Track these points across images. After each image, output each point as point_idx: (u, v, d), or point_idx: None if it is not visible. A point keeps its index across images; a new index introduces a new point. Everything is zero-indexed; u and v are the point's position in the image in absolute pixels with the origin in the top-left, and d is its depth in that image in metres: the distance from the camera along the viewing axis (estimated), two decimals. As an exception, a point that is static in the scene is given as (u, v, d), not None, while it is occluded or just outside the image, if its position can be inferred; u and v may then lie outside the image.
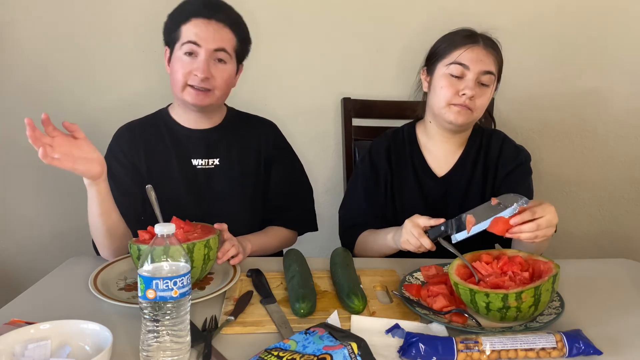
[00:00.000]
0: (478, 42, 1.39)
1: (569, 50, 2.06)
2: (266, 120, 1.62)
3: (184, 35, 1.37)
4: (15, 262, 2.13)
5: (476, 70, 1.37)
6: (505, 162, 1.49)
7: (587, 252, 2.21)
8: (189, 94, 1.39)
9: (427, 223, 1.24)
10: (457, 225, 1.21)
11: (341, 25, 2.01)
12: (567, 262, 1.33)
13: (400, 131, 1.56)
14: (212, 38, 1.36)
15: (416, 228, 1.24)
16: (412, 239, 1.25)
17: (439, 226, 1.24)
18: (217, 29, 1.37)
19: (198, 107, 1.43)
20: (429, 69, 1.47)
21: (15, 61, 1.99)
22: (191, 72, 1.36)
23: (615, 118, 2.13)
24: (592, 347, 0.92)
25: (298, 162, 1.64)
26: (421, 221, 1.25)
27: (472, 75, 1.37)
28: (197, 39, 1.35)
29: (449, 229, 1.22)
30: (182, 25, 1.38)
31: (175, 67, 1.39)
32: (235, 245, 1.28)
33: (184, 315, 0.89)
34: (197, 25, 1.36)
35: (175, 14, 1.41)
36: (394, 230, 1.35)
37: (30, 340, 0.89)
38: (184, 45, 1.37)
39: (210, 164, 1.49)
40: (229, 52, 1.40)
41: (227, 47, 1.39)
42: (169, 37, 1.42)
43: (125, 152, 1.46)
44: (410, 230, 1.25)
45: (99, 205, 1.23)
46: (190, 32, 1.36)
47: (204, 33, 1.36)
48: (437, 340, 0.92)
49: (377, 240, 1.42)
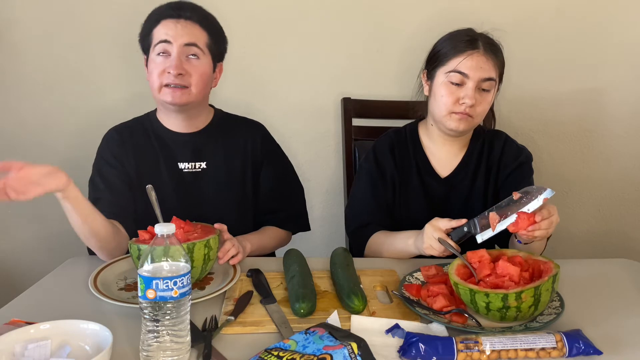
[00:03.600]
0: (478, 48, 1.37)
1: (569, 50, 2.06)
2: (254, 122, 1.61)
3: (156, 37, 1.39)
4: (15, 262, 2.13)
5: (476, 78, 1.36)
6: (506, 163, 1.49)
7: (587, 252, 2.21)
8: (165, 93, 1.39)
9: (449, 225, 1.22)
10: (481, 224, 1.19)
11: (341, 25, 2.01)
12: (567, 262, 1.33)
13: (402, 131, 1.56)
14: (182, 34, 1.38)
15: (438, 232, 1.22)
16: (435, 244, 1.23)
17: (461, 227, 1.22)
18: (186, 25, 1.39)
19: (177, 107, 1.42)
20: (429, 73, 1.46)
21: (15, 61, 1.99)
22: (165, 70, 1.37)
23: (615, 118, 2.13)
24: (592, 347, 0.92)
25: (288, 163, 1.64)
26: (442, 224, 1.23)
27: (472, 84, 1.36)
28: (167, 37, 1.37)
29: (472, 228, 1.20)
30: (153, 29, 1.40)
31: (150, 70, 1.40)
32: (236, 245, 1.28)
33: (184, 315, 0.90)
34: (166, 25, 1.39)
35: (146, 22, 1.43)
36: (414, 235, 1.32)
37: (30, 340, 0.89)
38: (156, 47, 1.38)
39: (197, 167, 1.48)
40: (201, 47, 1.40)
41: (198, 42, 1.40)
42: (143, 44, 1.44)
43: (115, 154, 1.46)
44: (432, 234, 1.23)
45: (79, 211, 1.19)
46: (160, 32, 1.39)
47: (173, 31, 1.38)
48: (437, 340, 0.92)
49: (395, 244, 1.38)
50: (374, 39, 2.03)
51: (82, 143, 1.92)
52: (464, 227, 1.22)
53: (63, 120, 2.03)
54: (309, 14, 2.00)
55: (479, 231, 1.19)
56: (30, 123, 2.02)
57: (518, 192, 1.19)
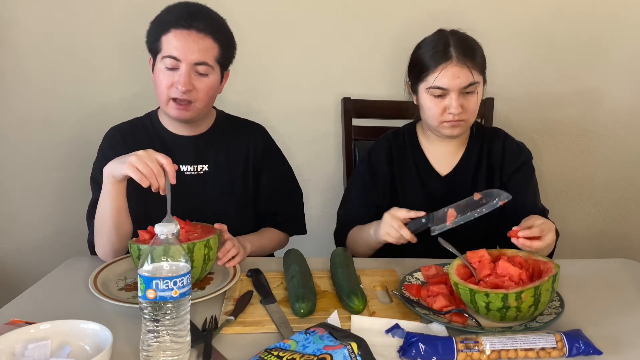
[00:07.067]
0: (450, 59, 1.34)
1: (569, 50, 2.06)
2: (256, 125, 1.61)
3: (165, 48, 1.35)
4: (15, 262, 2.12)
5: (456, 88, 1.35)
6: (509, 162, 1.49)
7: (587, 252, 2.21)
8: (171, 108, 1.38)
9: (407, 215, 1.27)
10: (439, 218, 1.25)
11: (341, 25, 2.01)
12: (567, 262, 1.33)
13: (400, 132, 1.57)
14: (192, 50, 1.33)
15: (395, 220, 1.27)
16: (391, 231, 1.27)
17: (419, 218, 1.27)
18: (197, 39, 1.34)
19: (181, 120, 1.43)
20: (412, 86, 1.46)
21: (15, 61, 1.99)
22: (173, 85, 1.35)
23: (615, 118, 2.13)
24: (592, 347, 0.92)
25: (288, 166, 1.64)
26: (400, 214, 1.27)
27: (454, 94, 1.35)
28: (177, 53, 1.33)
29: (430, 221, 1.26)
30: (163, 36, 1.35)
31: (158, 79, 1.37)
32: (236, 245, 1.28)
33: (184, 315, 0.90)
34: (176, 37, 1.33)
35: (155, 23, 1.39)
36: (375, 224, 1.36)
37: (30, 340, 0.89)
38: (164, 59, 1.34)
39: (199, 170, 1.48)
40: (211, 64, 1.36)
41: (209, 58, 1.35)
42: (151, 46, 1.40)
43: (116, 152, 1.45)
44: (390, 222, 1.27)
45: (114, 199, 1.25)
46: (170, 45, 1.34)
47: (183, 46, 1.33)
48: (437, 340, 0.92)
49: (363, 235, 1.43)
50: (374, 39, 2.03)
51: (83, 143, 1.93)
52: (422, 219, 1.27)
53: (63, 120, 2.02)
54: (310, 14, 2.00)
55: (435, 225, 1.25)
56: (31, 123, 2.02)
57: (479, 193, 1.24)
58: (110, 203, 1.26)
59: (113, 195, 1.25)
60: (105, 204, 1.27)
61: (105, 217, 1.28)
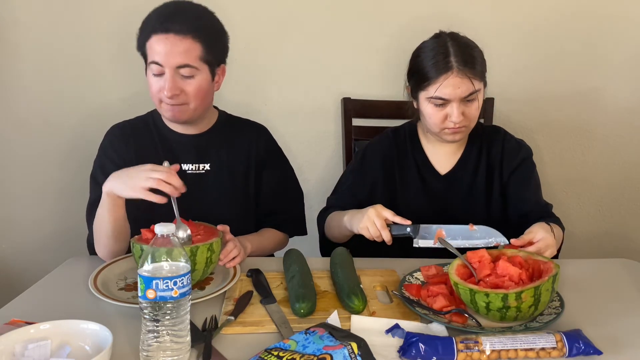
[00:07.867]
0: (451, 69, 1.32)
1: (569, 50, 2.06)
2: (257, 125, 1.61)
3: (149, 54, 1.35)
4: (15, 262, 2.13)
5: (457, 98, 1.34)
6: (509, 160, 1.49)
7: (587, 252, 2.21)
8: (165, 109, 1.38)
9: (393, 219, 1.25)
10: (424, 233, 1.23)
11: (341, 25, 2.01)
12: (567, 262, 1.33)
13: (401, 130, 1.57)
14: (173, 54, 1.31)
15: (380, 219, 1.25)
16: (372, 228, 1.25)
17: (404, 226, 1.24)
18: (176, 42, 1.31)
19: (178, 122, 1.43)
20: (412, 92, 1.45)
21: (15, 61, 1.99)
22: (162, 90, 1.35)
23: (615, 118, 2.13)
24: (592, 347, 0.92)
25: (289, 166, 1.64)
26: (387, 214, 1.25)
27: (455, 104, 1.35)
28: (159, 58, 1.32)
29: (414, 233, 1.23)
30: (146, 42, 1.35)
31: (149, 84, 1.38)
32: (238, 246, 1.28)
33: (184, 315, 0.90)
34: (157, 43, 1.32)
35: (140, 32, 1.38)
36: (351, 213, 1.34)
37: (30, 340, 0.89)
38: (151, 65, 1.35)
39: (200, 169, 1.48)
40: (194, 65, 1.34)
41: (191, 60, 1.33)
42: (141, 52, 1.40)
43: (118, 151, 1.45)
44: (373, 219, 1.25)
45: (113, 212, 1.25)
46: (153, 51, 1.33)
47: (164, 51, 1.31)
48: (437, 340, 0.92)
49: (338, 220, 1.41)
50: (374, 39, 2.03)
51: (83, 143, 1.93)
52: (406, 227, 1.24)
53: (63, 120, 2.03)
54: (309, 14, 2.00)
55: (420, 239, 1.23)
56: (31, 123, 2.02)
57: (475, 226, 1.22)
58: (109, 216, 1.26)
59: (112, 209, 1.25)
60: (103, 215, 1.27)
61: (103, 225, 1.29)
